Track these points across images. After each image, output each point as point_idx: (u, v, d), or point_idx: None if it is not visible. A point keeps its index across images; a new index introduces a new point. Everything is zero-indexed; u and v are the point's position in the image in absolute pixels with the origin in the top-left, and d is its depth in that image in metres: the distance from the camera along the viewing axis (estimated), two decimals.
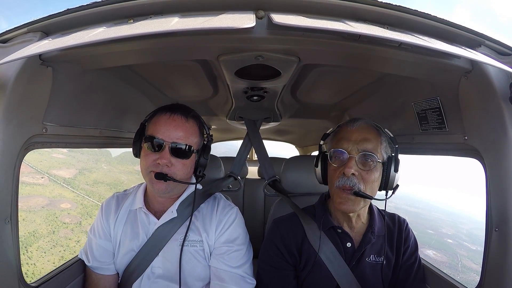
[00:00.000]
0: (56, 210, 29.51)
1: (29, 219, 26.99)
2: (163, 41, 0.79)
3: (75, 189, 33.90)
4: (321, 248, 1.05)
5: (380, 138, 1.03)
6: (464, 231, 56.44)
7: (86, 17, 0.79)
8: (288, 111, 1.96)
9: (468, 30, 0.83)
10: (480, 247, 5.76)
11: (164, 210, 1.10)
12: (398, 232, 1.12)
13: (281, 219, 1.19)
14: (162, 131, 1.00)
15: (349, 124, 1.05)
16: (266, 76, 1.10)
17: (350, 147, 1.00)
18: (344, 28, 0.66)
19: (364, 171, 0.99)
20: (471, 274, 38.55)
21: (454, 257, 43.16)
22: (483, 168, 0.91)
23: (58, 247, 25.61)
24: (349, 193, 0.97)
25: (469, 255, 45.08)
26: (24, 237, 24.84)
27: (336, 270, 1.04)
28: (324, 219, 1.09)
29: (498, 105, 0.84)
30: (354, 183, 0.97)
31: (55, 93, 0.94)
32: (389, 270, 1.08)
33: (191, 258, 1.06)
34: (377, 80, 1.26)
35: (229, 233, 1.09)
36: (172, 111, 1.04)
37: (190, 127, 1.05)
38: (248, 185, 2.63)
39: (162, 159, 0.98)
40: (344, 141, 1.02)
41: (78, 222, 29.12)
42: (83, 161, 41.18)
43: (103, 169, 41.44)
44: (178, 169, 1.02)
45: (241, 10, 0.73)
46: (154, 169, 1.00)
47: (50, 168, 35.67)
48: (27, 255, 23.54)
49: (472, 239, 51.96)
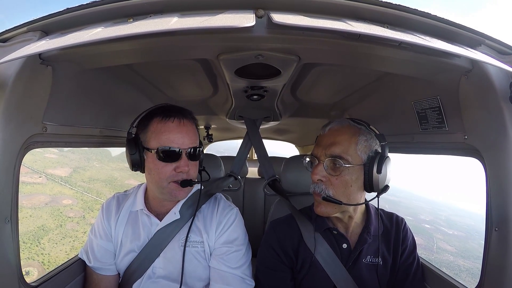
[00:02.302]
0: (59, 206, 31.25)
1: (36, 215, 28.65)
2: (162, 40, 0.79)
3: (73, 187, 35.42)
4: (317, 249, 1.05)
5: (356, 139, 0.98)
6: (443, 218, 59.46)
7: (86, 16, 0.79)
8: (288, 110, 1.96)
9: (469, 29, 0.83)
10: (456, 231, 6.00)
11: (166, 211, 1.10)
12: (395, 232, 1.11)
13: (278, 221, 1.20)
14: (175, 139, 0.99)
15: (322, 129, 1.06)
16: (266, 75, 1.10)
17: (320, 152, 1.01)
18: (344, 28, 0.66)
19: (334, 176, 0.97)
20: (445, 255, 41.49)
21: (430, 240, 45.65)
22: (483, 168, 0.91)
23: (67, 238, 27.51)
24: (319, 198, 1.00)
25: (445, 238, 48.01)
26: (34, 231, 26.54)
27: (333, 271, 1.04)
28: (319, 221, 1.10)
29: (498, 105, 0.83)
30: (321, 189, 0.99)
31: (55, 92, 0.94)
32: (386, 270, 1.07)
33: (192, 259, 1.07)
34: (377, 79, 1.26)
35: (228, 234, 1.09)
36: (176, 116, 1.01)
37: (194, 128, 1.07)
38: (248, 185, 2.63)
39: (184, 167, 0.99)
40: (316, 147, 1.04)
41: (82, 216, 31.09)
42: (75, 160, 42.67)
43: (95, 167, 42.81)
44: (194, 171, 1.05)
45: (240, 9, 0.73)
46: (175, 178, 1.00)
47: (45, 168, 36.96)
48: (40, 247, 25.34)
49: (449, 225, 55.34)
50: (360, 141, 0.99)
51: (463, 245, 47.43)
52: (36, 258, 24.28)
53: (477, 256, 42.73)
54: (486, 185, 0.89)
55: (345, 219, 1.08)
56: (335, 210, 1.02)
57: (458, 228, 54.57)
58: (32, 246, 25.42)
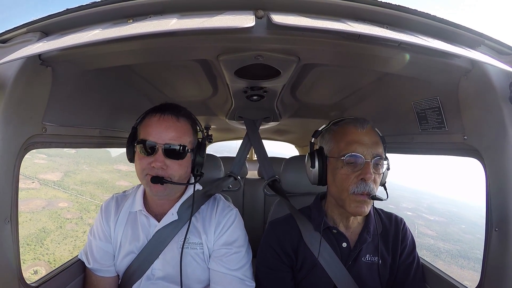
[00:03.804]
0: (56, 209, 31.85)
1: (35, 219, 29.40)
2: (162, 41, 0.79)
3: (67, 190, 36.23)
4: (317, 248, 1.05)
5: (380, 139, 1.04)
6: (425, 205, 61.38)
7: (86, 17, 0.79)
8: (288, 111, 1.96)
9: (468, 29, 0.83)
10: (438, 217, 6.05)
11: (164, 212, 1.09)
12: (394, 231, 1.11)
13: (277, 221, 1.20)
14: (153, 133, 0.99)
15: (357, 126, 1.01)
16: (265, 75, 1.10)
17: (365, 151, 0.98)
18: (343, 28, 0.66)
19: (377, 175, 0.99)
20: (426, 239, 43.32)
21: (412, 225, 47.62)
22: (483, 168, 0.91)
23: (68, 238, 28.57)
24: (367, 197, 0.97)
25: (426, 223, 50.20)
26: (36, 233, 27.50)
27: (333, 270, 1.04)
28: (319, 220, 1.09)
29: (498, 105, 0.83)
30: (371, 188, 0.97)
31: (54, 93, 0.94)
32: (386, 270, 1.07)
33: (191, 261, 1.06)
34: (376, 79, 1.26)
35: (228, 235, 1.08)
36: (162, 112, 1.02)
37: (182, 126, 1.03)
38: (248, 185, 2.63)
39: (156, 162, 0.97)
40: (358, 145, 0.98)
41: (80, 217, 31.85)
42: (64, 164, 43.45)
43: (85, 170, 43.52)
44: (175, 170, 1.00)
45: (240, 10, 0.73)
46: (150, 172, 0.99)
47: (37, 173, 37.62)
48: (44, 247, 26.44)
49: (432, 211, 57.62)
50: (382, 141, 1.05)
51: (444, 230, 48.88)
52: (41, 258, 24.84)
53: (457, 239, 44.90)
54: (486, 185, 0.89)
55: (350, 217, 1.07)
56: (369, 208, 1.02)
57: (440, 214, 56.14)
58: (37, 247, 26.03)
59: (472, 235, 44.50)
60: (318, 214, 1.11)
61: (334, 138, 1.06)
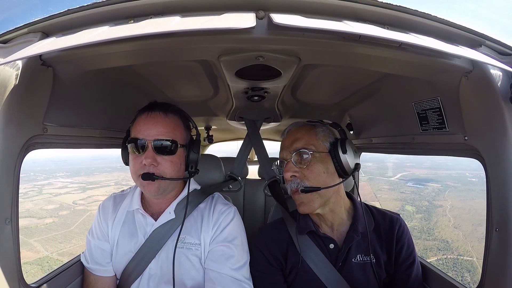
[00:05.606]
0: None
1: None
2: (163, 41, 0.79)
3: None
4: (305, 252, 1.05)
5: (313, 131, 1.07)
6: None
7: (87, 18, 0.79)
8: (289, 111, 1.96)
9: (469, 30, 0.83)
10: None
11: (161, 211, 1.09)
12: (388, 228, 1.10)
13: (266, 226, 1.23)
14: (142, 130, 0.99)
15: (282, 135, 1.13)
16: (266, 76, 1.10)
17: (285, 153, 1.06)
18: (344, 29, 0.66)
19: (304, 168, 1.01)
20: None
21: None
22: (484, 168, 0.91)
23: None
24: (299, 193, 1.01)
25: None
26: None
27: (323, 272, 1.03)
28: (302, 223, 1.10)
29: (498, 105, 0.83)
30: (296, 184, 1.01)
31: (55, 93, 0.94)
32: (381, 269, 1.06)
33: (185, 261, 1.05)
34: (377, 80, 1.26)
35: (226, 234, 1.06)
36: (150, 109, 1.03)
37: (171, 122, 1.03)
38: (249, 186, 2.62)
39: (146, 158, 0.96)
40: (280, 151, 1.10)
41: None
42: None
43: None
44: (166, 167, 1.00)
45: (241, 10, 0.73)
46: (142, 171, 0.98)
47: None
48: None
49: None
50: (318, 132, 1.07)
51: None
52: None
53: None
54: (487, 186, 0.89)
55: (327, 216, 1.07)
56: (317, 202, 1.01)
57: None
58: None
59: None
60: (302, 217, 1.12)
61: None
